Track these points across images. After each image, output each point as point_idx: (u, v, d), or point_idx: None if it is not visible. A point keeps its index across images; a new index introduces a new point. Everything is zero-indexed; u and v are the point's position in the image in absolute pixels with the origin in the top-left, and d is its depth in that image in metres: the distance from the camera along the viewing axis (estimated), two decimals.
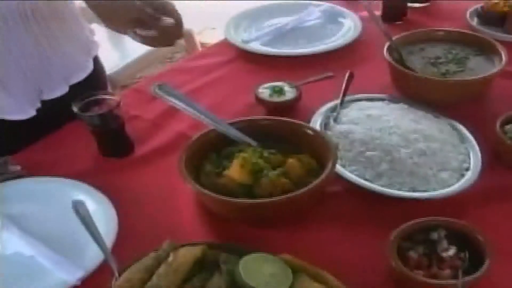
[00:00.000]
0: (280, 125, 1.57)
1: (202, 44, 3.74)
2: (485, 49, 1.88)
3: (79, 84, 1.89)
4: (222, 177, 1.44)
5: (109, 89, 2.12)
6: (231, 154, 1.49)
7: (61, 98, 1.82)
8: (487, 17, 2.23)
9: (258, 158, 1.45)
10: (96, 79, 2.00)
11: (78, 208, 1.35)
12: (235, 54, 2.16)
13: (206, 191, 1.39)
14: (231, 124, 1.55)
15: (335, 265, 1.29)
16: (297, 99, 1.80)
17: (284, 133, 1.55)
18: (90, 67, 1.95)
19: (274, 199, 1.36)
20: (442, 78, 1.77)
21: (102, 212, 1.44)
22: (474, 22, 2.25)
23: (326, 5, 2.38)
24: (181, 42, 3.59)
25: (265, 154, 1.47)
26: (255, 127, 1.57)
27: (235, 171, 1.42)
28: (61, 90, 1.83)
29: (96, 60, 2.00)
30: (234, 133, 1.52)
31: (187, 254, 1.24)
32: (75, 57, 1.87)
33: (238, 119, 1.59)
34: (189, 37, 3.62)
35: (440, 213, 1.36)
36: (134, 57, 3.39)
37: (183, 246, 1.27)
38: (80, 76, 1.90)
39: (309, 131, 1.53)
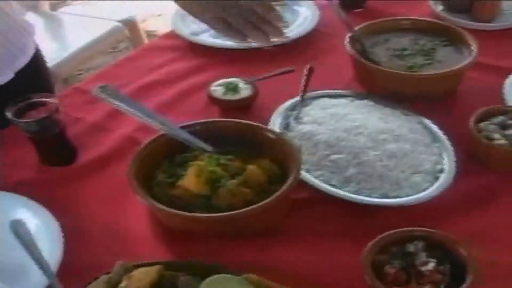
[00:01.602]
0: (238, 127, 1.49)
1: (148, 33, 3.64)
2: (454, 39, 1.82)
3: (21, 72, 1.80)
4: (176, 187, 1.36)
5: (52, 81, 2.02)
6: (185, 161, 1.41)
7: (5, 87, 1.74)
8: (452, 3, 2.17)
9: (215, 166, 1.37)
10: (39, 69, 1.93)
11: (18, 229, 1.25)
12: (184, 47, 2.07)
13: (159, 205, 1.31)
14: (183, 127, 1.46)
15: (305, 282, 1.24)
16: (253, 97, 1.73)
17: (241, 136, 1.47)
18: (31, 49, 1.87)
19: (234, 212, 1.28)
20: (409, 72, 1.70)
21: (45, 231, 1.34)
22: (439, 9, 2.18)
23: None
24: (125, 31, 3.50)
25: (222, 161, 1.39)
26: (210, 130, 1.49)
27: (190, 181, 1.35)
28: (6, 76, 1.75)
29: (37, 51, 1.92)
30: (187, 137, 1.44)
31: (142, 278, 1.16)
32: (12, 37, 1.78)
33: (190, 122, 1.50)
34: (133, 25, 3.53)
35: (415, 219, 1.32)
36: (75, 49, 3.29)
37: (137, 266, 1.19)
38: (22, 60, 1.81)
39: (269, 134, 1.45)
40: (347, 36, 1.78)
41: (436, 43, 1.82)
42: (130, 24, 3.50)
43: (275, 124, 1.57)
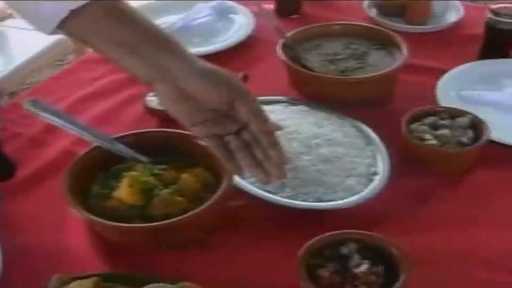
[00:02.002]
0: (170, 137, 1.50)
1: None
2: (385, 42, 1.85)
3: None
4: (111, 199, 1.36)
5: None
6: (119, 173, 1.41)
7: None
8: (386, 7, 2.21)
9: (148, 176, 1.37)
10: None
11: None
12: None
13: (92, 217, 1.30)
14: (116, 139, 1.46)
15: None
16: None
17: (176, 145, 1.48)
18: None
19: (168, 221, 1.28)
20: (341, 76, 1.73)
21: None
22: (373, 13, 2.21)
23: (217, 1, 2.30)
24: (70, 43, 3.48)
25: (156, 171, 1.40)
26: (143, 141, 1.49)
27: (124, 192, 1.35)
28: None
29: None
30: (120, 149, 1.44)
31: None
32: None
33: (123, 133, 1.50)
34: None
35: (351, 222, 1.33)
36: (20, 62, 3.26)
37: (74, 279, 1.18)
38: None
39: (202, 142, 1.45)
40: (279, 43, 1.79)
41: (368, 47, 1.85)
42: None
43: None
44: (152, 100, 1.73)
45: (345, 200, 1.41)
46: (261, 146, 1.21)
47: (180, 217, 1.28)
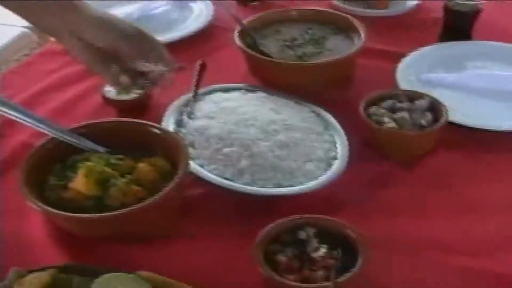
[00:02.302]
0: (127, 126, 1.49)
1: None
2: (344, 27, 1.85)
3: None
4: (68, 190, 1.34)
5: None
6: (75, 163, 1.39)
7: None
8: None
9: (104, 166, 1.35)
10: None
11: None
12: None
13: (48, 208, 1.29)
14: (72, 130, 1.44)
15: (203, 277, 1.23)
16: (147, 96, 1.72)
17: (132, 135, 1.47)
18: None
19: (123, 210, 1.27)
20: (298, 61, 1.72)
21: None
22: None
23: None
24: (34, 37, 3.44)
25: (113, 160, 1.38)
26: (100, 132, 1.48)
27: (80, 182, 1.33)
28: None
29: None
30: (76, 140, 1.42)
31: (34, 282, 1.14)
32: None
33: (79, 124, 1.49)
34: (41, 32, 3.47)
35: (311, 207, 1.32)
36: None
37: (31, 272, 1.17)
38: None
39: (157, 131, 1.45)
40: (236, 30, 1.79)
41: (326, 32, 1.85)
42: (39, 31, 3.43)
43: (168, 121, 1.56)
44: (110, 90, 1.72)
45: (304, 186, 1.40)
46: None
47: (135, 206, 1.27)
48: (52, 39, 1.75)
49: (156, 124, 1.48)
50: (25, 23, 1.47)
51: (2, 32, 3.36)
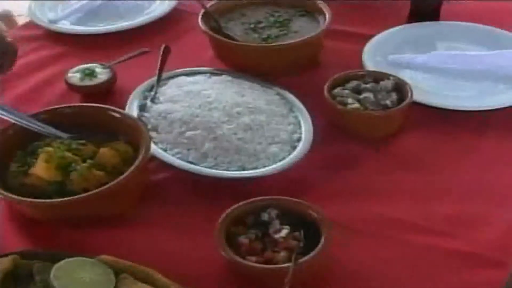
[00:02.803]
0: (87, 112, 1.49)
1: None
2: (309, 9, 1.85)
3: None
4: (29, 176, 1.34)
5: None
6: (36, 149, 1.39)
7: None
8: None
9: (66, 151, 1.35)
10: None
11: None
12: (43, 36, 2.04)
13: (8, 194, 1.29)
14: (33, 116, 1.44)
15: (166, 261, 1.23)
16: (111, 81, 1.72)
17: (94, 120, 1.46)
18: None
19: (84, 194, 1.28)
20: (262, 43, 1.71)
21: None
22: None
23: None
24: (1, 26, 3.42)
25: (74, 145, 1.38)
26: (62, 117, 1.47)
27: (40, 168, 1.33)
28: None
29: None
30: (37, 126, 1.42)
31: None
32: None
33: (40, 110, 1.48)
34: (9, 20, 3.45)
35: (276, 189, 1.34)
36: None
37: None
38: None
39: (118, 115, 1.45)
40: (200, 14, 1.78)
41: (291, 14, 1.84)
42: (5, 19, 3.41)
43: (132, 106, 1.56)
44: (74, 76, 1.71)
45: (268, 168, 1.41)
46: None
47: (96, 190, 1.27)
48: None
49: (117, 109, 1.47)
50: None
51: None
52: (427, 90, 1.63)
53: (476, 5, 2.08)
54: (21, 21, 2.88)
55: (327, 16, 1.76)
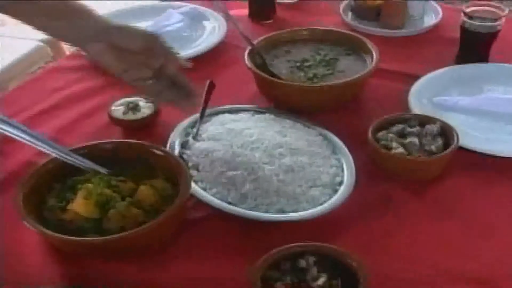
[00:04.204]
0: (128, 147, 1.50)
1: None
2: (356, 47, 1.86)
3: None
4: (67, 212, 1.35)
5: None
6: (76, 184, 1.40)
7: None
8: (361, 10, 2.21)
9: (105, 188, 1.36)
10: None
11: None
12: (88, 67, 2.05)
13: (45, 230, 1.30)
14: (74, 150, 1.45)
15: None
16: (154, 116, 1.73)
17: (134, 156, 1.47)
18: None
19: (121, 234, 1.28)
20: (308, 83, 1.72)
21: None
22: (349, 17, 2.22)
23: (188, 6, 2.30)
24: (48, 50, 3.47)
25: (113, 182, 1.39)
26: (102, 152, 1.49)
27: (79, 204, 1.34)
28: None
29: None
30: (77, 160, 1.43)
31: None
32: None
33: (80, 145, 1.49)
34: (55, 44, 3.50)
35: (314, 234, 1.33)
36: None
37: None
38: None
39: (159, 152, 1.46)
40: (247, 50, 1.79)
41: (337, 52, 1.85)
42: (52, 43, 3.46)
43: (174, 142, 1.57)
44: (117, 109, 1.73)
45: (308, 212, 1.40)
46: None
47: (133, 230, 1.28)
48: (71, 50, 1.78)
49: (158, 146, 1.48)
50: (40, 36, 1.52)
51: (18, 45, 3.39)
52: (473, 134, 1.62)
53: None
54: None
55: (374, 56, 1.76)
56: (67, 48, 3.53)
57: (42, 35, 3.47)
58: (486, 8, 1.91)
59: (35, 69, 3.69)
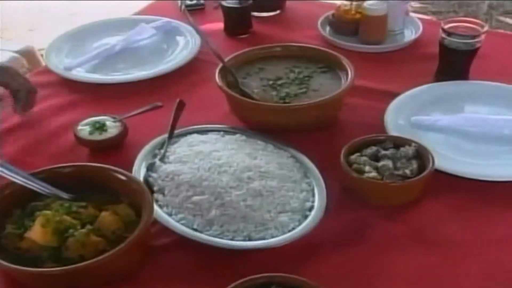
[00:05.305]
0: (90, 171, 1.47)
1: None
2: (332, 64, 1.82)
3: None
4: (24, 239, 1.32)
5: None
6: (35, 210, 1.37)
7: None
8: (339, 25, 2.17)
9: (65, 214, 1.33)
10: None
11: None
12: (57, 83, 2.02)
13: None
14: (34, 174, 1.41)
15: None
16: (122, 136, 1.69)
17: (97, 180, 1.44)
18: None
19: (80, 264, 1.24)
20: (280, 103, 1.68)
21: None
22: (327, 31, 2.19)
23: (161, 20, 2.26)
24: (23, 62, 3.43)
25: (74, 208, 1.35)
26: (63, 176, 1.45)
27: (36, 232, 1.31)
28: None
29: None
30: (36, 185, 1.40)
31: None
32: None
33: (41, 168, 1.46)
34: (31, 56, 3.46)
35: (282, 261, 1.32)
36: None
37: None
38: None
39: (122, 177, 1.42)
40: (218, 68, 1.75)
41: (312, 70, 1.81)
42: (28, 55, 3.42)
43: (140, 164, 1.53)
44: (83, 129, 1.69)
45: (276, 238, 1.37)
46: None
47: (93, 260, 1.24)
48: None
49: (121, 170, 1.44)
50: (16, 47, 1.56)
51: None
52: (450, 156, 1.59)
53: (507, 61, 2.03)
54: None
55: (349, 73, 1.72)
56: (44, 60, 3.50)
57: (18, 46, 3.45)
58: (466, 24, 1.87)
59: None
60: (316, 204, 1.45)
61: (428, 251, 1.39)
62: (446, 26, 1.86)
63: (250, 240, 1.37)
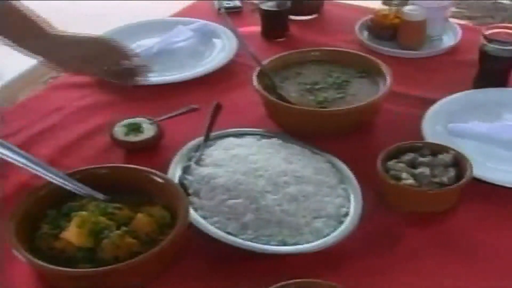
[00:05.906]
0: (126, 173, 1.48)
1: None
2: (369, 69, 1.81)
3: None
4: (59, 240, 1.32)
5: None
6: (71, 211, 1.37)
7: None
8: (377, 30, 2.17)
9: (100, 216, 1.33)
10: None
11: None
12: (92, 84, 2.03)
13: (32, 259, 1.27)
14: (70, 175, 1.42)
15: None
16: (157, 138, 1.70)
17: (133, 182, 1.45)
18: None
19: (114, 266, 1.25)
20: (317, 108, 1.68)
21: None
22: (364, 36, 2.18)
23: (199, 22, 2.26)
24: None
25: (110, 209, 1.36)
26: (99, 177, 1.46)
27: (72, 232, 1.31)
28: None
29: None
30: (73, 185, 1.41)
31: None
32: None
33: (77, 168, 1.47)
34: None
35: (315, 266, 1.31)
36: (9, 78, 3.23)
37: None
38: None
39: (158, 179, 1.43)
40: (255, 71, 1.76)
41: (350, 74, 1.81)
42: None
43: (176, 166, 1.53)
44: (119, 130, 1.69)
45: (310, 244, 1.37)
46: None
47: (126, 262, 1.25)
48: None
49: (157, 172, 1.45)
50: None
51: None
52: (488, 164, 1.57)
53: None
54: None
55: (387, 79, 1.71)
56: None
57: None
58: (507, 30, 1.86)
59: (47, 78, 3.70)
60: (351, 210, 1.44)
61: (461, 260, 1.38)
62: (487, 33, 1.84)
63: (284, 245, 1.36)
